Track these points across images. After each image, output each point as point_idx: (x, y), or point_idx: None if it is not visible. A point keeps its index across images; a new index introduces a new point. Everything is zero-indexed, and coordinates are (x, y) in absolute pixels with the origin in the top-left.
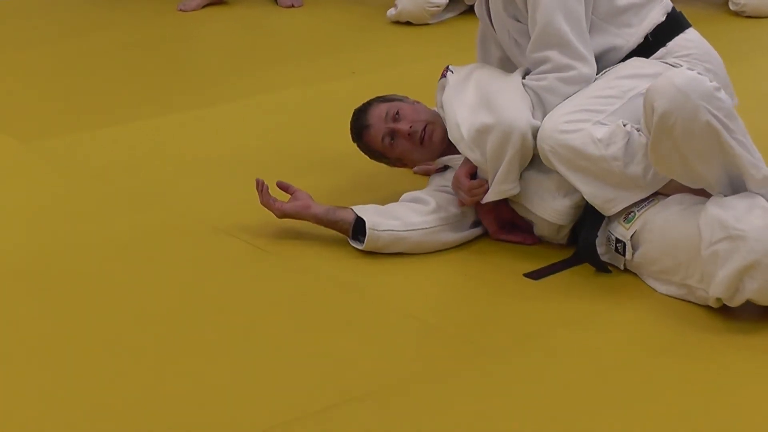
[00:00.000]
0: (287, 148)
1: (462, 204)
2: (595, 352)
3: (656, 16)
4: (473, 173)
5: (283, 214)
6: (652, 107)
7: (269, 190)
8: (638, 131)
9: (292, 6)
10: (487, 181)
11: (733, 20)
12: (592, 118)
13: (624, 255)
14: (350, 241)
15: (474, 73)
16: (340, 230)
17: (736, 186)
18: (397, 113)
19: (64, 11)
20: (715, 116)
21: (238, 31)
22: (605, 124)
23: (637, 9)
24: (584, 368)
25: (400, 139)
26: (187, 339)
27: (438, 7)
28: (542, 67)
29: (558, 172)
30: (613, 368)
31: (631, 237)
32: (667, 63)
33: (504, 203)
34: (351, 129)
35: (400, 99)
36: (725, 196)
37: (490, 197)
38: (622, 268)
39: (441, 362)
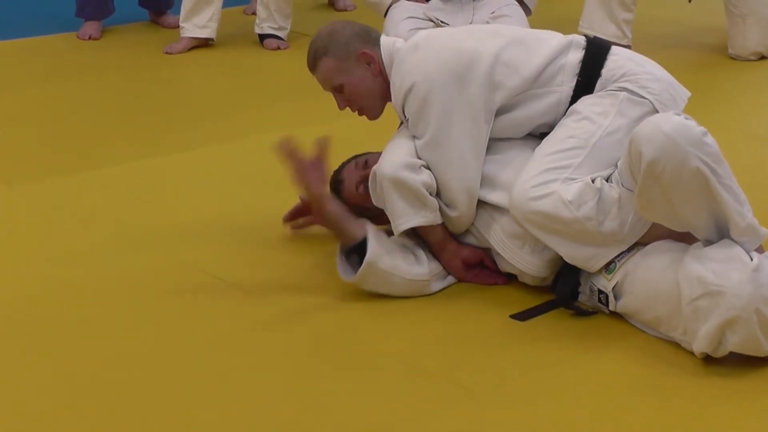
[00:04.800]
0: (273, 189)
1: None
2: (582, 394)
3: (574, 56)
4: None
5: (311, 196)
6: (639, 154)
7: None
8: (608, 182)
9: (278, 48)
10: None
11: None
12: (560, 175)
13: (607, 306)
14: (339, 259)
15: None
16: (340, 238)
17: (722, 230)
18: (366, 162)
19: (50, 55)
20: (704, 162)
21: (224, 73)
22: (574, 179)
23: (551, 63)
24: (571, 410)
25: None
26: (168, 380)
27: None
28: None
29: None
30: (600, 410)
31: (613, 288)
32: (612, 91)
33: (468, 247)
34: (330, 190)
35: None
36: (710, 240)
37: (395, 233)
38: (607, 313)
39: (427, 404)
